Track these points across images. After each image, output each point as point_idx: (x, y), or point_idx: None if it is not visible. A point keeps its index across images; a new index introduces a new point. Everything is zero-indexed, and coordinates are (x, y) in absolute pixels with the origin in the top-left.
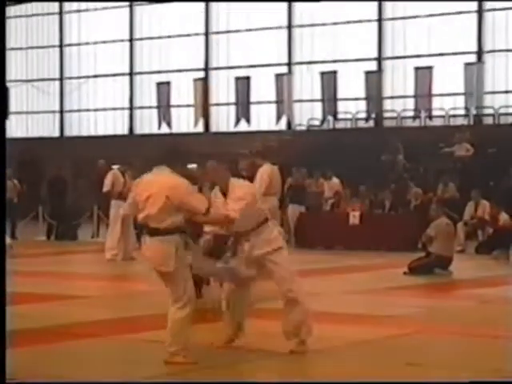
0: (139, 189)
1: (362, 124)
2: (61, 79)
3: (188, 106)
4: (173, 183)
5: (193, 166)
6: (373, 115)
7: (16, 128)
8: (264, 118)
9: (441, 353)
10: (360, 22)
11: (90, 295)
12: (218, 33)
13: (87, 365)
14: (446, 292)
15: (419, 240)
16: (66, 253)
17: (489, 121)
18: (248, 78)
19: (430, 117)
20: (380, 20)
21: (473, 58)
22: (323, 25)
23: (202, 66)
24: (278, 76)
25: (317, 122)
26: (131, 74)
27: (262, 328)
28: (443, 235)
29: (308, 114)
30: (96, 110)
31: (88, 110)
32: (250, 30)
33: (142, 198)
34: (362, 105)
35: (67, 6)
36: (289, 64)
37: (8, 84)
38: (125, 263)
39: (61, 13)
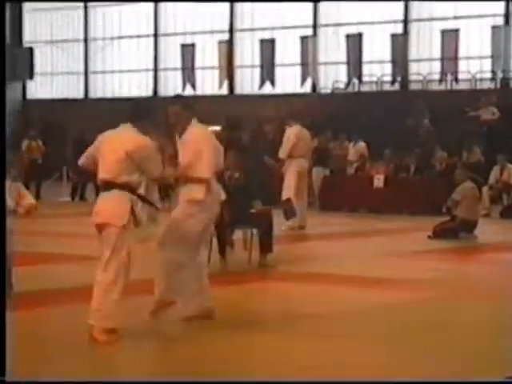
0: (101, 144)
1: (387, 87)
2: (85, 40)
3: (212, 68)
4: (134, 141)
5: (216, 127)
6: (398, 78)
7: (40, 89)
8: (289, 81)
9: (465, 316)
10: None
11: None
12: None
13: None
14: (470, 256)
15: (444, 204)
16: (89, 214)
17: None
18: (273, 41)
19: (456, 80)
20: None
21: (500, 21)
22: None
23: (226, 28)
24: (303, 38)
25: (342, 85)
26: (156, 35)
27: (284, 291)
28: (468, 199)
29: (333, 76)
30: (120, 71)
31: (112, 72)
32: None
33: (103, 154)
34: (388, 68)
35: None
36: (314, 26)
37: (33, 45)
38: (148, 224)
39: None
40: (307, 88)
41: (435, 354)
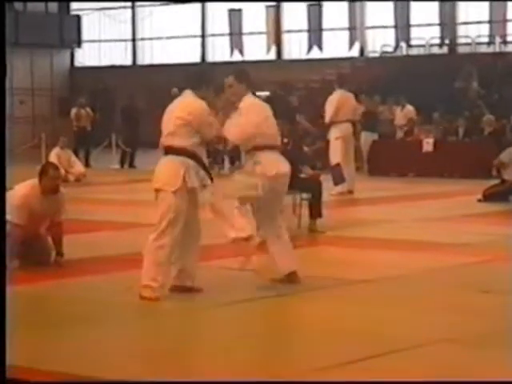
0: (165, 112)
1: (435, 50)
2: (133, 7)
3: (260, 33)
4: (190, 106)
5: (265, 93)
6: (446, 41)
7: (88, 57)
8: (337, 45)
9: None
10: None
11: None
12: None
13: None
14: None
15: (493, 167)
16: (139, 181)
17: None
18: (320, 5)
19: (505, 42)
20: None
21: None
22: None
23: None
24: (351, 2)
25: (390, 49)
26: (203, 0)
27: (334, 255)
28: None
29: (381, 40)
30: (168, 37)
31: (160, 38)
32: None
33: (164, 121)
34: (436, 31)
35: None
36: None
37: (80, 12)
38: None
39: None
40: (355, 52)
41: (481, 318)
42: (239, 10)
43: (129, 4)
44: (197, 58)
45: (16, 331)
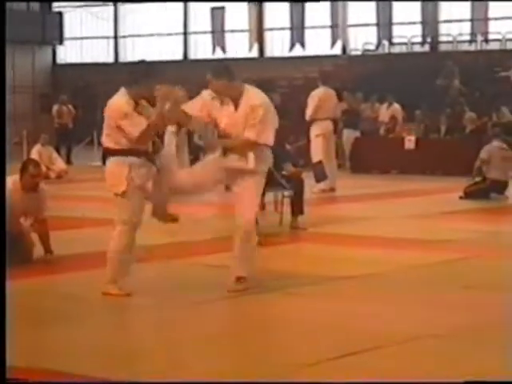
0: None
1: (417, 48)
2: (115, 4)
3: (242, 31)
4: (112, 104)
5: None
6: (428, 39)
7: (70, 54)
8: (319, 43)
9: (497, 277)
10: None
11: (144, 220)
12: None
13: (140, 288)
14: (501, 217)
15: (474, 169)
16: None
17: None
18: (303, 3)
19: (487, 40)
20: None
21: None
22: None
23: None
24: (333, 0)
25: (372, 47)
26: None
27: (316, 252)
28: (496, 159)
29: (363, 38)
30: (150, 35)
31: (142, 36)
32: None
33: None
34: (418, 29)
35: None
36: None
37: (62, 9)
38: None
39: None
40: (337, 50)
41: (464, 314)
42: (222, 8)
43: (110, 1)
44: (179, 56)
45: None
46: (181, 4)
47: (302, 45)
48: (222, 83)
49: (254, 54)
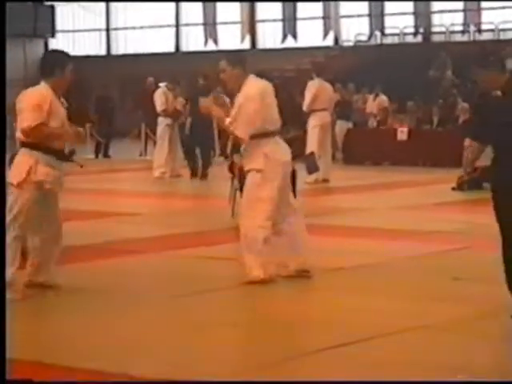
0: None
1: (409, 39)
2: None
3: (234, 23)
4: (21, 96)
5: None
6: (421, 30)
7: (62, 47)
8: (311, 34)
9: (488, 268)
10: None
11: (138, 212)
12: None
13: (135, 280)
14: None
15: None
16: (114, 171)
17: None
18: None
19: (480, 31)
20: None
21: None
22: None
23: None
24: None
25: (364, 38)
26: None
27: (310, 244)
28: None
29: (355, 29)
30: (142, 27)
31: (134, 28)
32: None
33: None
34: (410, 20)
35: None
36: None
37: (54, 3)
38: (172, 180)
39: None
40: (329, 41)
41: (454, 305)
42: (213, 0)
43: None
44: (171, 48)
45: None
46: None
47: (294, 36)
48: (237, 72)
49: (246, 45)
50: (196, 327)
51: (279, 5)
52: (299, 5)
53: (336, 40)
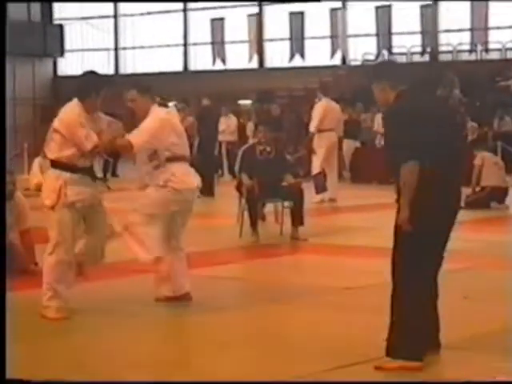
0: None
1: (417, 58)
2: (115, 16)
3: (242, 41)
4: (62, 115)
5: (248, 102)
6: (428, 49)
7: (71, 66)
8: (318, 54)
9: (498, 287)
10: None
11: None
12: None
13: (143, 300)
14: (502, 226)
15: (472, 181)
16: (121, 190)
17: None
18: (302, 13)
19: (487, 50)
20: None
21: None
22: None
23: (255, 1)
24: (333, 10)
25: (371, 57)
26: (185, 10)
27: (316, 263)
28: (489, 165)
29: (363, 48)
30: (150, 47)
31: (142, 47)
32: None
33: (49, 131)
34: (417, 39)
35: None
36: None
37: (63, 22)
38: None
39: None
40: (337, 61)
41: (464, 324)
42: (221, 19)
43: (111, 13)
44: (179, 67)
45: None
46: (181, 15)
47: (302, 55)
48: (147, 100)
49: (254, 64)
50: (206, 347)
51: (287, 24)
52: (307, 24)
53: (343, 59)
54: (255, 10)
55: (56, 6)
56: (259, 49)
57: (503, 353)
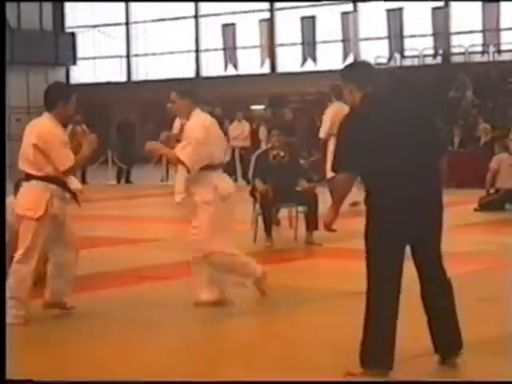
0: (24, 135)
1: (429, 61)
2: (127, 24)
3: (254, 47)
4: (39, 132)
5: (260, 107)
6: (440, 51)
7: (84, 74)
8: (330, 57)
9: None
10: None
11: (159, 238)
12: None
13: (156, 307)
14: None
15: (487, 182)
16: (135, 197)
17: None
18: (313, 17)
19: (499, 51)
20: None
21: None
22: None
23: (267, 6)
24: (344, 14)
25: (384, 60)
26: (196, 16)
27: (331, 268)
28: (505, 168)
29: (375, 51)
30: (162, 53)
31: (154, 54)
32: None
33: (22, 145)
34: (429, 41)
35: None
36: (354, 2)
37: (75, 30)
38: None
39: None
40: None
41: (479, 326)
42: (233, 25)
43: (122, 20)
44: (191, 73)
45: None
46: (192, 21)
47: (314, 59)
48: (187, 103)
49: (266, 69)
50: (220, 353)
51: (298, 28)
52: (318, 28)
53: None
54: (266, 15)
55: (68, 14)
56: (271, 54)
57: None
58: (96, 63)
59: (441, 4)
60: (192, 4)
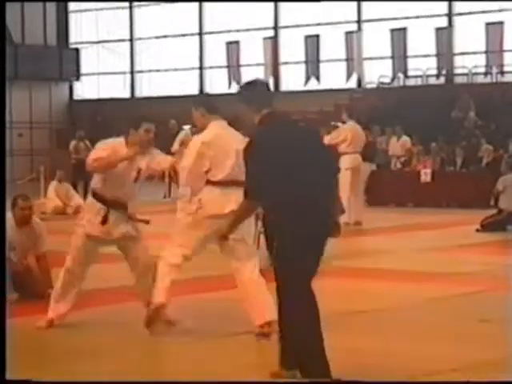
0: None
1: (432, 81)
2: (131, 40)
3: (258, 65)
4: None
5: None
6: (443, 72)
7: (87, 89)
8: (334, 77)
9: None
10: None
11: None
12: None
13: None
14: None
15: (491, 197)
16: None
17: None
18: (317, 36)
19: (502, 73)
20: None
21: None
22: None
23: (271, 24)
24: (348, 34)
25: (387, 80)
26: (200, 33)
27: (330, 287)
28: (510, 189)
29: (378, 71)
30: (166, 70)
31: (158, 71)
32: None
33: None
34: (433, 61)
35: None
36: (358, 21)
37: (79, 46)
38: None
39: None
40: (353, 83)
41: (481, 347)
42: (237, 42)
43: (127, 37)
44: (195, 90)
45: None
46: (196, 38)
47: (317, 78)
48: (201, 113)
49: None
50: (226, 371)
51: (302, 47)
52: (322, 47)
53: (359, 82)
54: (271, 33)
55: (72, 29)
56: (275, 72)
57: None
58: (100, 79)
59: (444, 24)
60: (196, 21)
